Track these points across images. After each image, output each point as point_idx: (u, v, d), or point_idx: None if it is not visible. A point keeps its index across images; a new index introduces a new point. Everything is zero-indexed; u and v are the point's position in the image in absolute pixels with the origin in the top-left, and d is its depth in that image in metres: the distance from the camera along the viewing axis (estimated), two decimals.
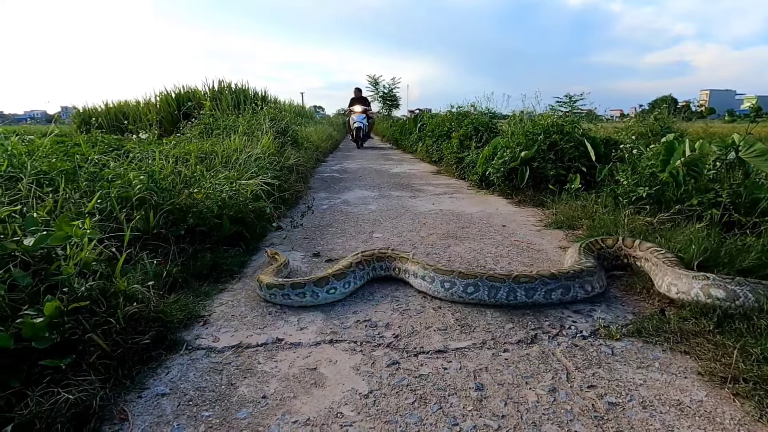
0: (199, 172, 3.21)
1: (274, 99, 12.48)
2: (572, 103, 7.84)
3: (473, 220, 3.71)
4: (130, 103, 11.68)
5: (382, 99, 23.16)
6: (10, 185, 2.32)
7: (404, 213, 3.98)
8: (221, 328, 1.81)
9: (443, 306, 2.01)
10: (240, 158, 4.02)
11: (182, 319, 1.78)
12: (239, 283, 2.29)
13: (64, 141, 3.75)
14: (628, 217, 3.02)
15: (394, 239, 3.13)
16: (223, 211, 2.74)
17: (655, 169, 3.29)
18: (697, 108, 25.10)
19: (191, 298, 1.98)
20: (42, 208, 2.12)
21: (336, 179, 6.26)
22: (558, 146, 4.52)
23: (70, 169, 2.52)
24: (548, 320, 1.87)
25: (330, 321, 1.87)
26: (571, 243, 2.92)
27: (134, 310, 1.56)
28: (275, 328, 1.81)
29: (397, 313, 1.94)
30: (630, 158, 3.67)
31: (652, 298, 2.06)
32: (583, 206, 3.61)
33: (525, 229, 3.43)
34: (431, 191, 5.17)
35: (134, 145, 4.05)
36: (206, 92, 9.40)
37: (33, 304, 1.48)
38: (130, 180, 2.47)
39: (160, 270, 2.07)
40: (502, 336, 1.74)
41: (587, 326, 1.82)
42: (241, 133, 5.30)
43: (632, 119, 8.35)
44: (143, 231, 2.32)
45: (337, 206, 4.31)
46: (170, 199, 2.54)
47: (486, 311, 1.95)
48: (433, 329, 1.80)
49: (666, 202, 3.13)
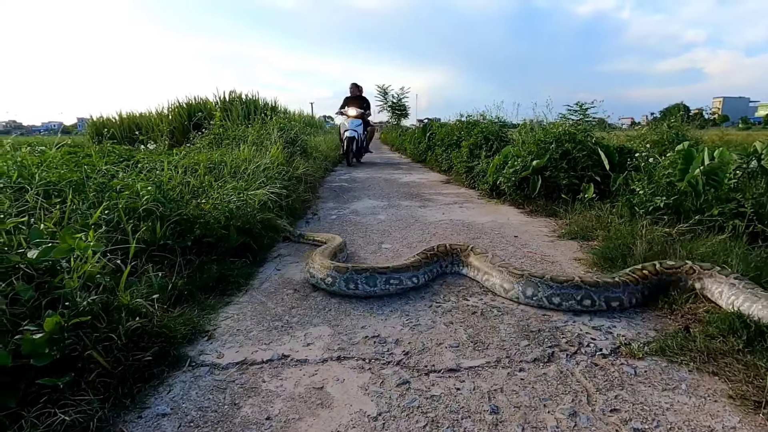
0: (207, 182, 3.20)
1: (284, 109, 12.58)
2: (583, 111, 7.75)
3: (484, 230, 3.63)
4: (143, 114, 11.86)
5: (391, 109, 23.26)
6: (19, 196, 2.32)
7: (414, 223, 3.92)
8: (226, 343, 1.76)
9: (455, 321, 1.93)
10: (248, 168, 4.01)
11: (186, 334, 1.73)
12: (246, 295, 2.24)
13: (75, 152, 3.78)
14: (645, 228, 2.92)
15: (403, 250, 3.06)
16: (231, 221, 2.71)
17: (673, 178, 3.19)
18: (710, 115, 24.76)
19: (196, 312, 1.93)
20: (49, 219, 2.12)
21: (345, 189, 6.23)
22: (571, 155, 4.43)
23: (78, 179, 2.51)
24: (565, 337, 1.79)
25: (338, 336, 1.81)
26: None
27: (137, 325, 1.52)
28: (281, 344, 1.75)
29: (407, 329, 1.87)
30: (646, 167, 3.57)
31: (674, 314, 1.96)
32: (597, 216, 3.51)
33: (538, 239, 3.34)
34: (441, 201, 5.11)
35: (144, 155, 4.07)
36: (217, 103, 9.50)
37: (34, 318, 1.45)
38: (138, 191, 2.45)
39: (165, 282, 2.04)
40: (518, 354, 1.66)
41: (607, 344, 1.73)
42: (250, 143, 5.31)
43: (645, 127, 8.23)
44: (150, 242, 2.29)
45: (346, 216, 4.26)
46: (178, 209, 2.51)
47: (500, 327, 1.87)
48: (444, 346, 1.73)
49: (685, 212, 3.03)
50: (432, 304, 2.12)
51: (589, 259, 2.78)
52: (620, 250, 2.66)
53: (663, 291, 2.10)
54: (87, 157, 3.50)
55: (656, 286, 2.12)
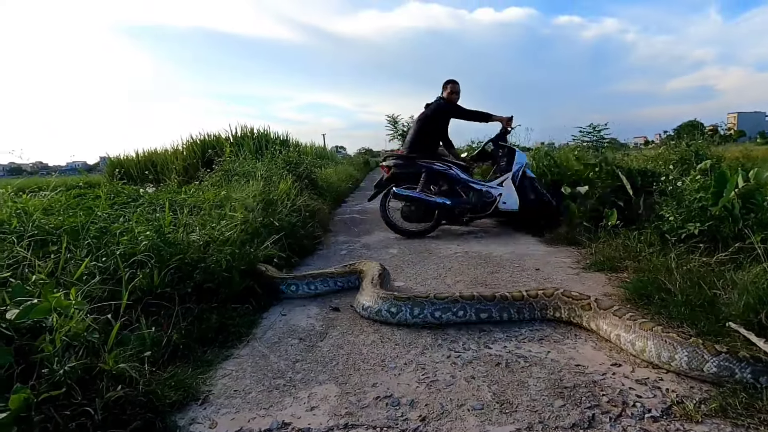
0: (208, 220, 3.09)
1: (295, 142, 12.72)
2: (597, 132, 7.58)
3: (503, 263, 3.42)
4: (158, 152, 12.11)
5: (402, 137, 23.46)
6: (13, 246, 2.22)
7: (428, 257, 3.73)
8: (221, 408, 1.57)
9: (477, 376, 1.72)
10: (255, 204, 3.91)
11: (177, 400, 1.55)
12: (247, 347, 2.07)
13: (85, 194, 3.74)
14: (680, 258, 2.68)
15: (418, 288, 2.87)
16: (233, 263, 2.57)
17: (706, 202, 2.96)
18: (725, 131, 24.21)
19: (190, 371, 1.75)
20: (42, 269, 2.00)
21: (356, 221, 6.10)
22: (591, 180, 4.23)
23: (76, 225, 2.42)
24: (606, 394, 1.55)
25: (345, 397, 1.61)
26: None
27: (119, 395, 1.35)
28: (281, 408, 1.56)
29: (423, 386, 1.67)
30: (674, 191, 3.35)
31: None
32: (624, 245, 3.28)
33: (562, 272, 3.12)
34: (455, 230, 4.91)
35: (151, 196, 4.01)
36: (228, 138, 9.63)
37: (7, 389, 1.30)
38: (136, 236, 2.34)
39: (160, 336, 1.88)
40: (552, 418, 1.43)
41: (656, 402, 1.49)
42: (259, 178, 5.26)
43: (661, 147, 7.99)
44: (147, 290, 2.16)
45: (357, 251, 4.10)
46: (178, 254, 2.39)
47: (528, 382, 1.65)
48: (466, 408, 1.51)
49: (722, 239, 2.78)
50: (450, 354, 1.91)
51: (621, 294, 2.55)
52: (655, 284, 2.43)
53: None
54: (96, 198, 3.45)
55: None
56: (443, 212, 4.60)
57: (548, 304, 2.21)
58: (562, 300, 2.18)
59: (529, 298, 2.23)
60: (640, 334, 1.79)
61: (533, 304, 2.22)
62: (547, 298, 2.22)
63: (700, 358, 1.60)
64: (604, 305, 2.03)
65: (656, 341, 1.72)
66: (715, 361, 1.57)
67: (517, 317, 2.21)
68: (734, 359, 1.55)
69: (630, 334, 1.82)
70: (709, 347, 1.61)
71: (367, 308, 2.32)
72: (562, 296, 2.19)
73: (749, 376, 1.51)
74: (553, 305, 2.20)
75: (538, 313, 2.22)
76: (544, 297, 2.23)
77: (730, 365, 1.55)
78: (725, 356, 1.56)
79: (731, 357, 1.55)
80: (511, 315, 2.20)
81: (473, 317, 2.18)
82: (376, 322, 2.28)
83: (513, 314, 2.21)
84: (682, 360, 1.64)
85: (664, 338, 1.70)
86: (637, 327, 1.81)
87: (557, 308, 2.18)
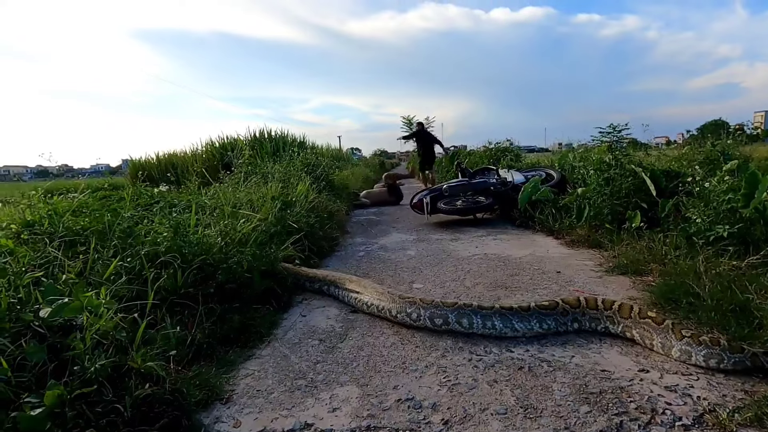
0: (229, 222, 3.13)
1: (311, 144, 12.81)
2: (617, 132, 7.42)
3: (522, 265, 3.37)
4: (178, 154, 12.34)
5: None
6: (45, 246, 2.29)
7: (445, 259, 3.70)
8: (244, 407, 1.59)
9: (499, 380, 1.70)
10: (274, 206, 3.95)
11: (202, 399, 1.57)
12: (268, 347, 2.09)
13: (110, 195, 3.84)
14: (708, 261, 2.60)
15: (436, 290, 2.85)
16: (255, 264, 2.60)
17: (735, 204, 2.86)
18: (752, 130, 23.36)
19: (214, 371, 1.78)
20: (72, 269, 2.06)
21: (373, 222, 6.11)
22: (613, 180, 4.14)
23: (103, 226, 2.48)
24: (634, 401, 1.51)
25: (367, 399, 1.61)
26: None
27: (147, 392, 1.38)
28: (304, 408, 1.57)
29: (445, 389, 1.65)
30: (702, 192, 3.25)
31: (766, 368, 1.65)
32: (648, 248, 3.19)
33: (583, 275, 3.06)
34: (473, 232, 4.88)
35: (174, 196, 4.09)
36: (247, 141, 9.76)
37: (41, 384, 1.34)
38: (156, 237, 2.39)
39: (184, 336, 1.92)
40: (579, 424, 1.41)
41: (687, 410, 1.45)
42: (277, 180, 5.31)
43: (685, 147, 7.78)
44: (171, 290, 2.20)
45: (374, 252, 4.10)
46: (200, 254, 2.43)
47: (553, 387, 1.62)
48: (490, 412, 1.49)
49: (753, 242, 2.69)
50: (472, 357, 1.89)
51: (647, 298, 2.48)
52: (683, 288, 2.36)
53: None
54: (120, 200, 3.53)
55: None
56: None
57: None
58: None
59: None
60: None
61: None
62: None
63: (669, 342, 1.81)
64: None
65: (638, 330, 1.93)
66: (678, 345, 1.77)
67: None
68: (694, 343, 1.74)
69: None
70: (677, 332, 1.80)
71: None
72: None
73: (701, 358, 1.70)
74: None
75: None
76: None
77: (689, 348, 1.74)
78: (687, 340, 1.75)
79: (692, 341, 1.74)
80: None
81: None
82: (396, 324, 2.26)
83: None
84: (656, 344, 1.85)
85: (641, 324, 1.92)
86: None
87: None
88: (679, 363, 1.76)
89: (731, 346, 1.68)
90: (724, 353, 1.67)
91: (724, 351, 1.68)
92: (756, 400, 1.46)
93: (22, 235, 2.31)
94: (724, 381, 1.62)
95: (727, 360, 1.67)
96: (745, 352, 1.66)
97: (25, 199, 3.08)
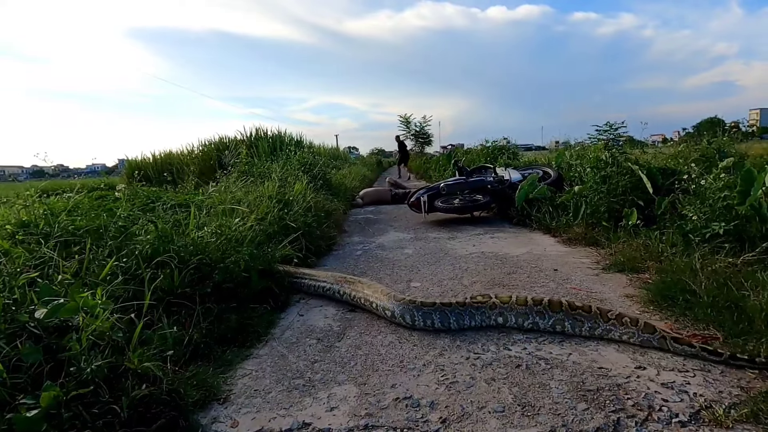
0: (225, 221, 3.12)
1: (309, 143, 12.78)
2: (614, 131, 7.44)
3: (520, 263, 3.38)
4: (174, 154, 12.29)
5: (414, 137, 23.42)
6: (40, 247, 2.28)
7: (443, 257, 3.71)
8: (242, 407, 1.59)
9: (497, 378, 1.70)
10: (271, 205, 3.94)
11: (199, 399, 1.57)
12: (266, 347, 2.08)
13: (106, 195, 3.82)
14: (704, 259, 2.61)
15: (434, 289, 2.86)
16: (252, 264, 2.59)
17: (731, 201, 2.88)
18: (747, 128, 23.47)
19: (211, 371, 1.78)
20: (67, 270, 2.05)
21: (370, 221, 6.10)
22: (610, 178, 4.15)
23: (98, 226, 2.47)
24: (631, 397, 1.52)
25: (364, 398, 1.61)
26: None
27: (144, 393, 1.37)
28: (302, 408, 1.57)
29: (443, 387, 1.65)
30: (697, 189, 3.26)
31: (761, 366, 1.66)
32: (645, 245, 3.21)
33: (580, 273, 3.06)
34: (470, 230, 4.88)
35: (171, 196, 4.07)
36: (243, 140, 9.73)
37: (37, 385, 1.34)
38: (143, 239, 2.37)
39: (181, 336, 1.91)
40: (576, 421, 1.41)
41: (683, 407, 1.46)
42: (275, 179, 5.30)
43: (682, 144, 7.80)
44: (167, 291, 2.19)
45: (372, 251, 4.10)
46: (197, 254, 2.42)
47: (550, 385, 1.63)
48: (487, 410, 1.50)
49: (749, 239, 2.70)
50: (469, 356, 1.89)
51: (643, 295, 2.49)
52: (679, 285, 2.37)
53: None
54: (116, 200, 3.52)
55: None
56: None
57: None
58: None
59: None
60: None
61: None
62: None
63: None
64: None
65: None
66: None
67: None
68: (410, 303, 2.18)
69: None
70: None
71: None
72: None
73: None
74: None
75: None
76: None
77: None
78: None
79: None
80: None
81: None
82: (394, 323, 2.27)
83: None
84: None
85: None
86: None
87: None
88: (676, 360, 1.76)
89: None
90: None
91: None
92: (752, 396, 1.47)
93: (18, 236, 2.29)
94: (720, 377, 1.63)
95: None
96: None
97: (20, 199, 3.07)
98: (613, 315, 1.97)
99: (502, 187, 5.53)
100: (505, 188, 5.51)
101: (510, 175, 5.73)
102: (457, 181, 5.87)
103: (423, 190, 5.95)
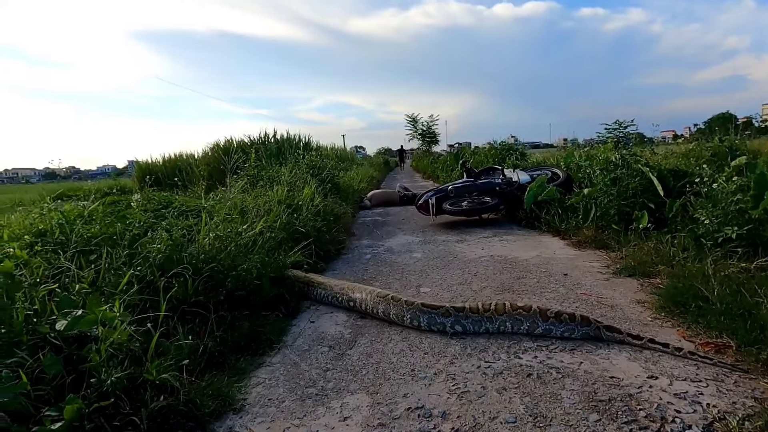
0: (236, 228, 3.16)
1: (316, 145, 12.82)
2: (623, 128, 7.37)
3: (529, 267, 3.37)
4: (183, 157, 12.40)
5: (421, 136, 23.42)
6: (58, 254, 2.32)
7: (452, 261, 3.71)
8: (257, 416, 1.61)
9: (508, 387, 1.71)
10: (281, 210, 3.97)
11: (215, 409, 1.60)
12: (278, 355, 2.11)
13: (119, 200, 3.88)
14: (717, 263, 2.59)
15: (444, 294, 2.87)
16: (264, 271, 2.62)
17: (744, 205, 2.85)
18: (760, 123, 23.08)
19: (225, 380, 1.81)
20: (85, 279, 2.09)
21: (378, 223, 6.12)
22: (620, 180, 4.12)
23: (113, 234, 2.51)
24: (643, 408, 1.52)
25: (377, 408, 1.63)
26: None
27: (162, 404, 1.41)
28: (315, 417, 1.59)
29: (455, 396, 1.67)
30: (710, 192, 3.23)
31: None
32: (656, 249, 3.18)
33: (591, 277, 3.05)
34: (479, 233, 4.88)
35: (183, 201, 4.12)
36: (251, 144, 9.79)
37: (59, 397, 1.38)
38: (158, 245, 2.41)
39: (196, 345, 1.94)
40: None
41: (696, 418, 1.45)
42: (283, 183, 5.34)
43: (692, 142, 7.70)
44: (181, 299, 2.23)
45: (381, 255, 4.12)
46: (210, 262, 2.45)
47: (562, 395, 1.63)
48: (499, 421, 1.51)
49: (763, 244, 2.67)
50: (480, 364, 1.90)
51: (654, 301, 2.48)
52: (691, 291, 2.35)
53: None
54: (128, 207, 3.57)
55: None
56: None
57: None
58: None
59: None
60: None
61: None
62: None
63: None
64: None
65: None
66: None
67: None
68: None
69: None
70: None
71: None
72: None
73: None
74: None
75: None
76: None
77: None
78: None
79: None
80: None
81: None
82: (405, 328, 2.28)
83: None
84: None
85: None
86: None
87: None
88: (688, 369, 1.76)
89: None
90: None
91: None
92: (766, 407, 1.46)
93: (36, 246, 2.34)
94: (734, 388, 1.62)
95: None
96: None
97: (36, 207, 3.13)
98: (552, 313, 2.12)
99: (510, 189, 5.51)
100: (513, 190, 5.49)
101: (518, 177, 5.70)
102: (465, 183, 5.86)
103: (431, 192, 5.96)
